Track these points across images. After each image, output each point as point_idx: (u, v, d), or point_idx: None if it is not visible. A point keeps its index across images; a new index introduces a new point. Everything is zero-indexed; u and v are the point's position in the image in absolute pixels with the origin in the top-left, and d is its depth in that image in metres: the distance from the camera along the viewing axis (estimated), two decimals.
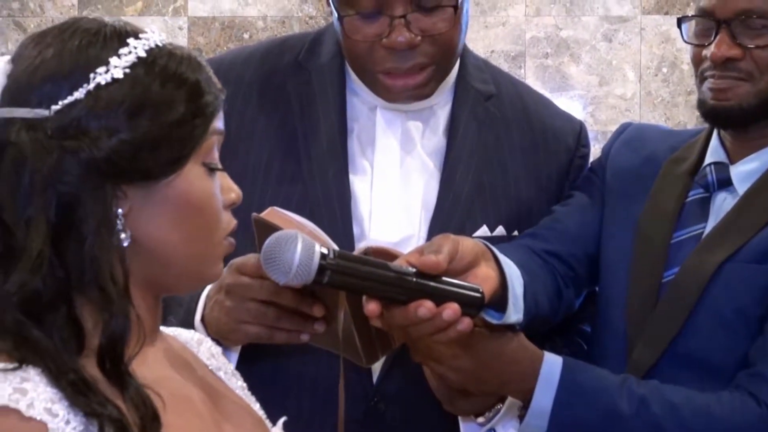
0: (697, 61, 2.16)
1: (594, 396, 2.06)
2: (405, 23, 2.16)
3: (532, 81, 5.20)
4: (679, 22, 2.20)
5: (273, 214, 1.95)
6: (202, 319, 2.07)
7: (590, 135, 2.40)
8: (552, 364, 2.06)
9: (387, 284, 1.84)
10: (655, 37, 5.14)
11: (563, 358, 2.08)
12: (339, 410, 1.92)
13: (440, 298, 1.85)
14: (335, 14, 2.21)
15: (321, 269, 1.78)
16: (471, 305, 1.88)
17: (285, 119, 2.31)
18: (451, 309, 1.84)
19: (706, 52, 2.12)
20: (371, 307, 1.84)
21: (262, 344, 2.04)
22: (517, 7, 5.26)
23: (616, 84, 5.24)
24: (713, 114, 2.16)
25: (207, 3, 5.33)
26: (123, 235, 1.50)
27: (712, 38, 2.12)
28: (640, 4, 5.21)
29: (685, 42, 2.19)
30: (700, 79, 2.16)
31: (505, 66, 5.16)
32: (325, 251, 1.79)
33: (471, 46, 4.93)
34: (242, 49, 2.68)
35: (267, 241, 1.80)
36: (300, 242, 1.77)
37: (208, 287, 2.03)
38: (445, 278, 1.87)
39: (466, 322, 1.86)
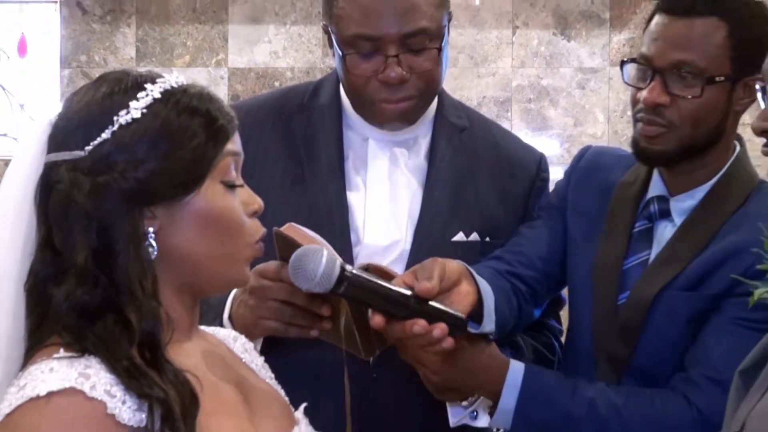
0: (633, 102, 2.16)
1: (550, 399, 2.10)
2: (397, 62, 2.22)
3: (518, 122, 5.19)
4: (622, 64, 2.19)
5: (291, 228, 2.00)
6: (230, 317, 2.08)
7: (565, 167, 2.39)
8: (516, 371, 2.11)
9: (390, 302, 1.92)
10: (621, 85, 5.09)
11: (525, 366, 2.12)
12: (345, 394, 1.98)
13: (432, 318, 1.91)
14: (339, 53, 2.26)
15: (339, 281, 1.84)
16: (456, 327, 1.94)
17: (292, 148, 2.36)
18: (440, 329, 1.90)
19: (640, 95, 2.11)
20: (377, 319, 1.91)
21: (279, 337, 2.05)
22: (505, 60, 5.25)
23: (588, 125, 5.23)
24: (644, 156, 2.17)
25: (244, 56, 5.33)
26: (151, 249, 1.53)
27: (648, 83, 2.10)
28: (609, 58, 5.20)
29: (625, 82, 2.18)
30: (634, 120, 2.16)
31: (494, 109, 5.15)
32: (345, 266, 1.85)
33: (465, 93, 4.97)
34: (261, 95, 2.74)
35: (296, 252, 1.86)
36: (325, 256, 1.84)
37: (236, 289, 2.07)
38: (436, 303, 1.93)
39: (449, 341, 1.93)
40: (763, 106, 1.58)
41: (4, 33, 5.57)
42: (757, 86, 1.61)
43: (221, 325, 2.05)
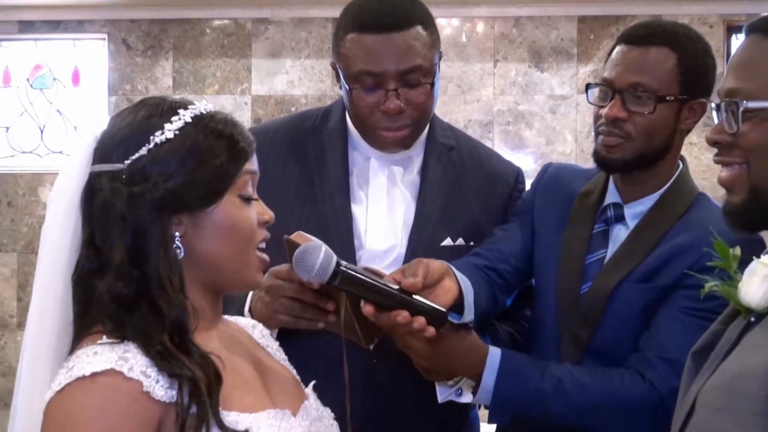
0: (596, 118, 2.16)
1: (524, 379, 2.08)
2: (395, 95, 2.21)
3: (498, 141, 5.20)
4: (588, 87, 2.20)
5: (299, 236, 2.00)
6: (250, 310, 2.09)
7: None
8: (494, 355, 2.09)
9: (379, 294, 1.91)
10: (587, 109, 5.14)
11: (502, 351, 2.11)
12: (344, 374, 1.96)
13: (415, 310, 1.91)
14: (345, 87, 2.26)
15: (334, 273, 1.85)
16: (437, 319, 1.94)
17: (304, 166, 2.36)
18: (419, 322, 1.90)
19: (602, 112, 2.13)
20: (368, 309, 1.91)
21: (290, 329, 2.06)
22: (487, 89, 5.26)
23: (558, 144, 5.23)
24: (604, 163, 2.17)
25: (265, 85, 5.35)
26: (178, 251, 1.54)
27: (609, 101, 2.12)
28: (576, 87, 5.21)
29: (589, 102, 2.20)
30: (596, 133, 2.17)
31: (478, 131, 5.16)
32: (338, 261, 1.87)
33: (453, 116, 4.99)
34: (279, 118, 2.74)
35: (299, 249, 1.87)
36: (323, 251, 1.85)
37: None
38: (419, 297, 1.94)
39: (431, 330, 1.92)
40: (716, 121, 1.59)
41: (60, 65, 5.59)
42: (711, 105, 1.62)
43: (243, 316, 2.06)
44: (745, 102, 1.52)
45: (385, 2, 2.27)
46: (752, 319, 1.53)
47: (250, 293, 2.11)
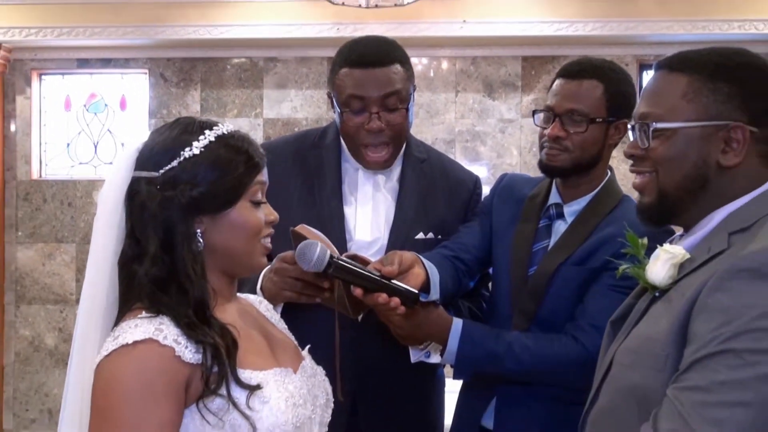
0: (541, 136, 2.18)
1: (481, 343, 2.10)
2: (377, 117, 2.22)
3: (459, 156, 5.19)
4: (534, 112, 2.20)
5: (303, 228, 2.00)
6: (261, 288, 2.06)
7: (491, 185, 2.39)
8: (457, 324, 2.11)
9: (364, 280, 1.94)
10: (529, 130, 5.15)
11: (463, 321, 2.12)
12: (335, 339, 1.96)
13: (392, 292, 1.94)
14: (337, 110, 2.26)
15: (328, 264, 1.88)
16: (410, 299, 1.96)
17: (306, 175, 2.34)
18: (394, 301, 1.93)
19: (546, 132, 2.13)
20: (357, 291, 1.93)
21: (294, 303, 2.03)
22: (450, 113, 5.25)
23: (507, 157, 5.23)
24: (547, 170, 2.18)
25: (274, 110, 5.33)
26: (200, 244, 1.54)
27: (551, 123, 2.12)
28: (520, 112, 5.20)
29: (536, 124, 2.19)
30: (541, 148, 2.18)
31: (443, 147, 5.15)
32: (332, 255, 1.89)
33: (424, 135, 4.97)
34: (285, 136, 2.73)
35: (300, 245, 1.90)
36: (318, 248, 1.88)
37: (266, 269, 2.05)
38: (396, 281, 1.95)
39: (401, 309, 1.95)
40: (631, 139, 1.60)
41: (111, 94, 5.56)
42: (629, 125, 1.63)
43: (255, 293, 2.04)
44: (654, 123, 1.53)
45: (371, 44, 2.28)
46: (656, 294, 1.54)
47: (261, 276, 2.09)
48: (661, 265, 1.52)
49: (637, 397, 1.45)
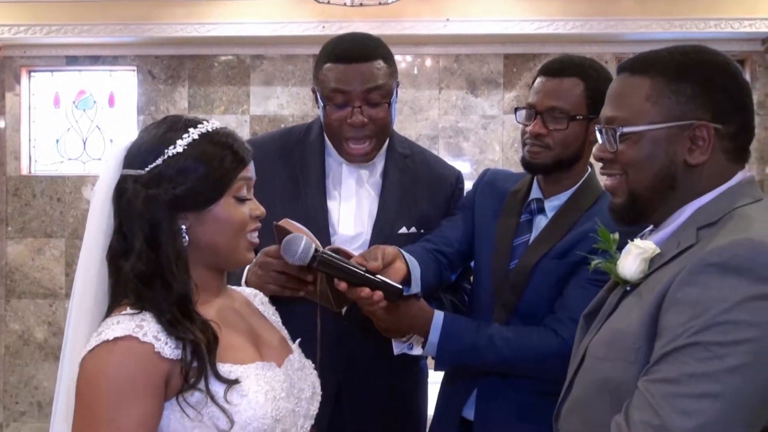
0: (523, 133, 2.17)
1: (461, 335, 2.10)
2: (360, 111, 2.22)
3: (442, 151, 5.19)
4: (516, 109, 2.20)
5: (287, 222, 1.99)
6: (245, 282, 2.07)
7: (473, 180, 2.40)
8: (438, 317, 2.11)
9: (348, 274, 1.93)
10: (511, 126, 5.15)
11: (444, 313, 2.13)
12: (317, 331, 1.97)
13: (376, 286, 1.94)
14: (321, 105, 2.25)
15: (313, 258, 1.88)
16: (393, 294, 1.96)
17: (291, 170, 2.34)
18: (378, 295, 1.94)
19: (527, 129, 2.13)
20: (342, 285, 1.93)
21: (278, 296, 2.04)
22: (434, 110, 5.25)
23: (489, 153, 5.23)
24: (529, 167, 2.18)
25: (261, 107, 5.31)
26: (185, 240, 1.54)
27: (533, 120, 2.12)
28: (502, 109, 5.21)
29: (518, 121, 2.20)
30: (523, 145, 2.17)
31: (427, 143, 5.15)
32: (316, 248, 1.89)
33: (408, 132, 4.95)
34: (271, 132, 2.72)
35: (285, 238, 1.89)
36: (303, 241, 1.88)
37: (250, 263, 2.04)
38: (380, 276, 1.95)
39: (383, 303, 1.96)
40: (600, 141, 1.60)
41: (99, 91, 5.53)
42: (596, 128, 1.63)
43: (240, 286, 2.05)
44: (621, 128, 1.53)
45: (355, 40, 2.27)
46: (627, 288, 1.55)
47: (246, 270, 2.09)
48: (632, 259, 1.53)
49: (609, 389, 1.46)
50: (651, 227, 1.62)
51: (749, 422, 1.32)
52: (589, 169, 2.21)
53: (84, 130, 5.55)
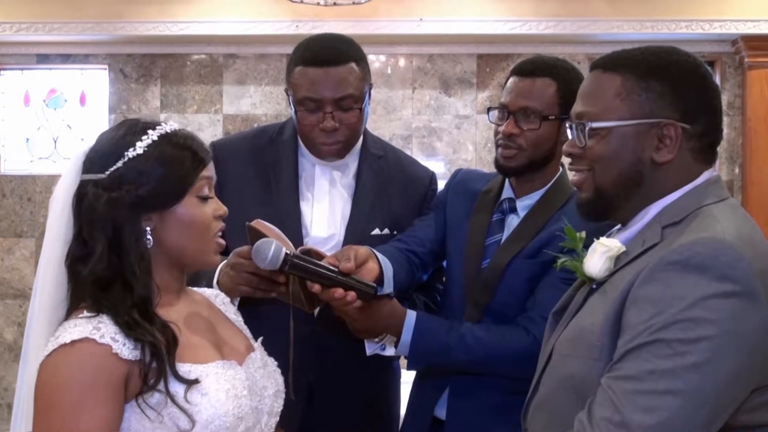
0: (495, 133, 2.17)
1: (433, 334, 2.10)
2: (331, 117, 2.19)
3: (416, 151, 5.19)
4: (489, 109, 2.20)
5: (258, 223, 1.97)
6: (217, 282, 2.04)
7: (446, 180, 2.39)
8: (410, 317, 2.10)
9: (320, 276, 1.92)
10: (484, 126, 5.17)
11: (417, 313, 2.12)
12: (290, 332, 1.94)
13: (349, 287, 1.92)
14: (293, 109, 2.23)
15: (284, 262, 1.86)
16: (367, 294, 1.95)
17: (262, 171, 2.32)
18: (351, 296, 1.92)
19: (500, 129, 2.13)
20: (315, 287, 1.92)
21: (250, 297, 2.02)
22: (407, 110, 5.25)
23: (462, 153, 5.24)
24: (502, 169, 2.17)
25: (234, 106, 5.29)
26: (148, 241, 1.55)
27: (505, 120, 2.12)
28: (475, 108, 5.22)
29: (490, 121, 2.20)
30: (496, 146, 2.17)
31: (400, 143, 5.15)
32: (287, 252, 1.87)
33: (381, 131, 4.95)
34: (243, 131, 2.70)
35: (256, 244, 1.87)
36: (273, 246, 1.86)
37: (222, 263, 2.03)
38: (354, 276, 1.94)
39: (356, 304, 1.95)
40: (570, 138, 1.61)
41: (70, 90, 5.48)
42: (567, 124, 1.64)
43: (211, 287, 2.03)
44: (590, 123, 1.55)
45: (327, 42, 2.25)
46: (593, 286, 1.56)
47: (217, 270, 2.07)
48: (598, 258, 1.54)
49: (574, 386, 1.47)
50: (618, 226, 1.63)
51: (710, 418, 1.33)
52: (561, 169, 2.22)
53: (55, 129, 5.50)
